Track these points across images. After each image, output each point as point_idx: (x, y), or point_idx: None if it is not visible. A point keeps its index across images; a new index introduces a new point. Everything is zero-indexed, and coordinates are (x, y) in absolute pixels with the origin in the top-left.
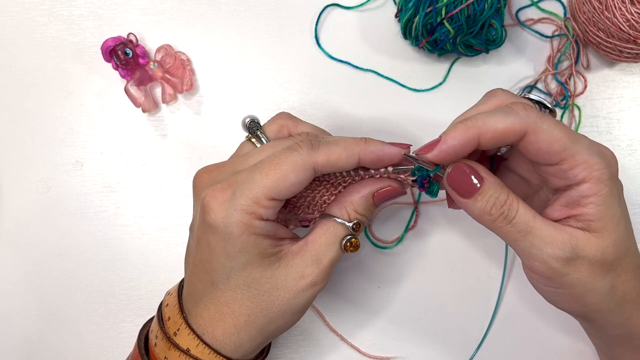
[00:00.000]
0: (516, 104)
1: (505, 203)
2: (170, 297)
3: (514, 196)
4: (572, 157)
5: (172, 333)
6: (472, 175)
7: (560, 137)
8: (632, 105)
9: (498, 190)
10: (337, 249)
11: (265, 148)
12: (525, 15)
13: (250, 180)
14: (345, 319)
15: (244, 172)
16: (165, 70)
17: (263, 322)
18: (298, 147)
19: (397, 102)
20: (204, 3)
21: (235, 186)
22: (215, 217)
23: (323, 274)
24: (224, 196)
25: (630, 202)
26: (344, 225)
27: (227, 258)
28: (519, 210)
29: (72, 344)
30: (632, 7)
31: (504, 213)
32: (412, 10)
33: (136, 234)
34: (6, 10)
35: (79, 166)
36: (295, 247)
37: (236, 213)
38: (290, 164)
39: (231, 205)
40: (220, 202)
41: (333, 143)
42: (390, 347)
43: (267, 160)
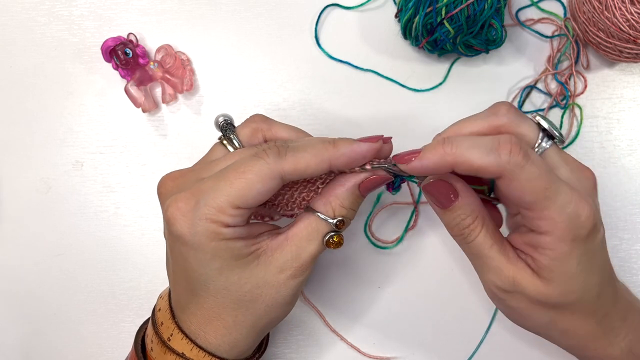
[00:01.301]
0: (505, 143)
1: (468, 227)
2: (162, 301)
3: (481, 222)
4: (540, 211)
5: (166, 338)
6: (449, 192)
7: (533, 191)
8: (632, 105)
9: (466, 213)
10: (318, 244)
11: (232, 156)
12: (525, 15)
13: (214, 188)
14: (345, 319)
15: (208, 180)
16: (165, 70)
17: (252, 319)
18: (264, 155)
19: (397, 102)
20: (204, 3)
21: (199, 195)
22: (180, 228)
23: (303, 267)
24: (187, 206)
25: (631, 202)
26: (327, 222)
27: (201, 266)
28: (478, 238)
29: (72, 344)
30: (632, 7)
31: (463, 235)
32: (412, 10)
33: (136, 234)
34: (6, 10)
35: (79, 166)
36: (275, 243)
37: (201, 222)
38: (255, 173)
39: (195, 215)
40: (184, 213)
41: (301, 149)
42: (390, 347)
43: (232, 168)
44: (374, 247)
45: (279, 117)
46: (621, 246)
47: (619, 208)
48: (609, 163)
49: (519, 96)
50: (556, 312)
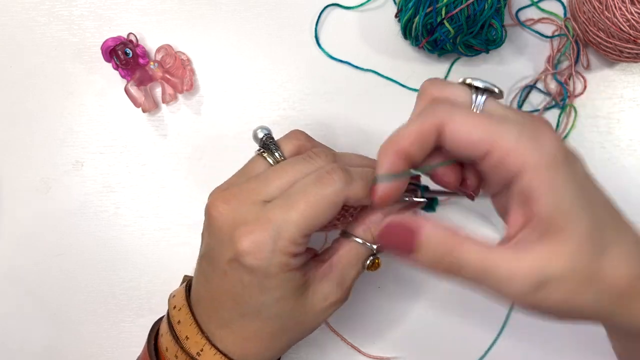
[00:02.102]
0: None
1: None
2: (181, 314)
3: (460, 238)
4: (497, 144)
5: (195, 353)
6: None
7: (477, 123)
8: (632, 105)
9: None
10: (359, 269)
11: (286, 170)
12: (525, 15)
13: (286, 221)
14: (345, 319)
15: (275, 209)
16: (165, 70)
17: (287, 341)
18: (332, 181)
19: (397, 102)
20: (204, 3)
21: (272, 227)
22: (254, 261)
23: (345, 293)
24: (261, 238)
25: (631, 202)
26: (368, 247)
27: (262, 294)
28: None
29: (72, 344)
30: (632, 7)
31: (452, 263)
32: (412, 10)
33: (136, 234)
34: (6, 10)
35: (79, 166)
36: (320, 272)
37: (277, 255)
38: (325, 201)
39: (271, 248)
40: (258, 245)
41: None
42: (390, 347)
43: (301, 197)
44: None
45: (279, 117)
46: None
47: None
48: (609, 163)
49: (519, 96)
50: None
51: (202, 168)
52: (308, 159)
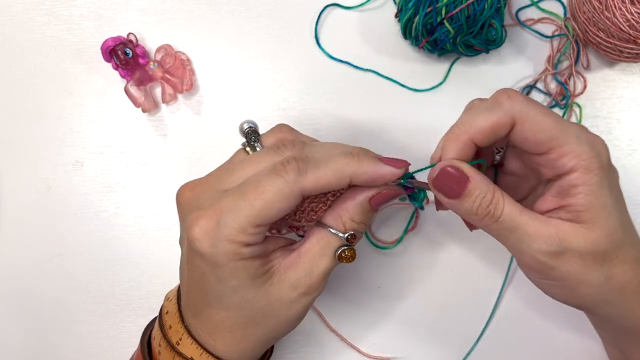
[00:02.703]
0: (501, 93)
1: (491, 202)
2: (170, 304)
3: (500, 193)
4: (559, 147)
5: (175, 342)
6: (458, 176)
7: (547, 126)
8: (632, 105)
9: (484, 190)
10: (330, 260)
11: (252, 160)
12: (525, 15)
13: (234, 208)
14: (345, 319)
15: (228, 196)
16: (165, 70)
17: (261, 334)
18: (284, 173)
19: (397, 102)
20: (204, 3)
21: (220, 214)
22: (201, 246)
23: (315, 284)
24: (209, 225)
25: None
26: (338, 236)
27: (218, 282)
28: (505, 208)
29: (72, 344)
30: (632, 7)
31: (490, 212)
32: (412, 10)
33: (136, 234)
34: (6, 10)
35: (79, 166)
36: (287, 261)
37: (222, 243)
38: (276, 192)
39: (216, 235)
40: (205, 232)
41: (322, 165)
42: (390, 347)
43: (252, 186)
44: (374, 247)
45: (279, 117)
46: None
47: None
48: None
49: None
50: (609, 266)
51: (202, 168)
52: (276, 149)
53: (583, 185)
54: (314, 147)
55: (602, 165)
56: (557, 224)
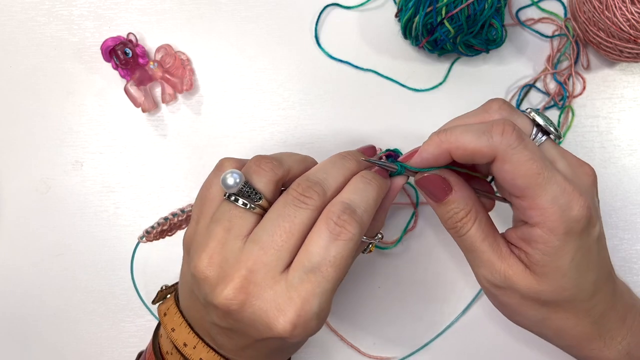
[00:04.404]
0: (498, 125)
1: (461, 220)
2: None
3: (474, 215)
4: (532, 199)
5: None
6: (443, 186)
7: (527, 174)
8: (632, 105)
9: (459, 207)
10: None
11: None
12: (526, 15)
13: (320, 295)
14: (345, 319)
15: (305, 284)
16: (165, 70)
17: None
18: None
19: (397, 102)
20: (204, 3)
21: (308, 308)
22: (292, 339)
23: None
24: (300, 321)
25: (631, 202)
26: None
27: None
28: (470, 231)
29: (72, 344)
30: (632, 7)
31: (455, 227)
32: (412, 10)
33: (136, 234)
34: (6, 10)
35: (79, 166)
36: None
37: (314, 329)
38: (347, 259)
39: (311, 325)
40: (295, 326)
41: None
42: (390, 347)
43: (324, 265)
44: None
45: (279, 117)
46: (621, 246)
47: (620, 208)
48: (609, 163)
49: (517, 95)
50: (549, 310)
51: (202, 168)
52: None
53: (543, 244)
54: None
55: (570, 230)
56: (510, 264)
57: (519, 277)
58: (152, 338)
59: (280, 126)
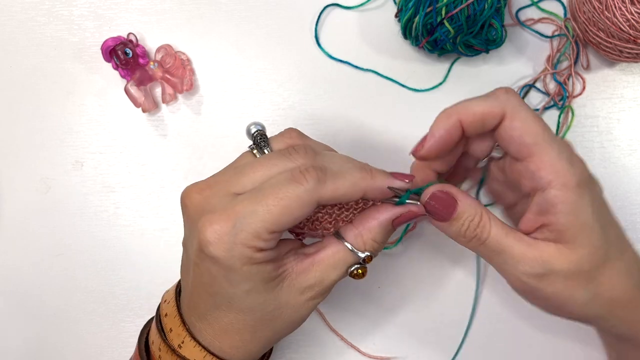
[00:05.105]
0: (500, 88)
1: (478, 226)
2: (168, 306)
3: (487, 216)
4: (539, 156)
5: (177, 345)
6: (448, 201)
7: (534, 130)
8: (632, 105)
9: (472, 214)
10: (342, 273)
11: (263, 164)
12: (526, 15)
13: (251, 213)
14: (345, 319)
15: (244, 201)
16: (165, 70)
17: (268, 335)
18: (304, 181)
19: (397, 102)
20: (204, 3)
21: (235, 218)
22: (215, 250)
23: (323, 291)
24: (224, 229)
25: (631, 202)
26: (355, 254)
27: (230, 286)
28: (492, 231)
29: (72, 344)
30: (632, 7)
31: (477, 236)
32: (412, 10)
33: (136, 234)
34: (6, 10)
35: (79, 166)
36: (300, 266)
37: (237, 247)
38: (295, 199)
39: (231, 239)
40: (220, 236)
41: (340, 177)
42: (390, 347)
43: (271, 193)
44: None
45: (279, 117)
46: None
47: (620, 208)
48: (609, 163)
49: None
50: (595, 283)
51: (202, 168)
52: (287, 154)
53: (562, 203)
54: (325, 157)
55: (581, 182)
56: (542, 247)
57: (554, 255)
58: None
59: (281, 126)
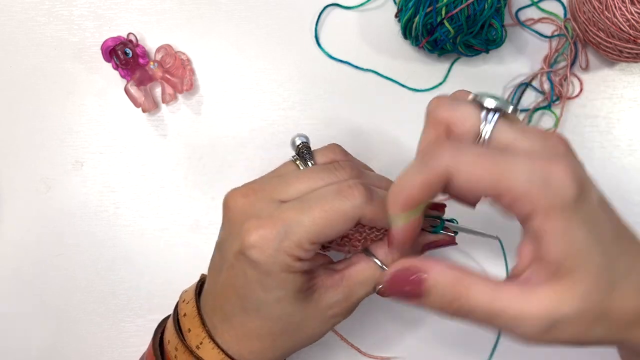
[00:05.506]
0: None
1: (455, 298)
2: (188, 306)
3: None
4: (507, 191)
5: (195, 346)
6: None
7: (484, 168)
8: (632, 105)
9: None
10: (369, 290)
11: (309, 176)
12: (526, 15)
13: (297, 222)
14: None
15: (290, 210)
16: (165, 70)
17: (287, 345)
18: (351, 196)
19: (397, 102)
20: (204, 3)
21: (281, 225)
22: (257, 254)
23: (349, 308)
24: (269, 234)
25: (631, 201)
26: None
27: (263, 291)
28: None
29: (72, 344)
30: (632, 7)
31: (459, 309)
32: (412, 10)
33: (136, 234)
34: (6, 10)
35: (79, 166)
36: (330, 281)
37: (280, 254)
38: (340, 213)
39: (275, 245)
40: (266, 241)
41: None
42: (390, 347)
43: (317, 204)
44: None
45: (279, 117)
46: None
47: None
48: (609, 163)
49: (513, 94)
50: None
51: (202, 168)
52: (333, 169)
53: (549, 234)
54: (368, 177)
55: (565, 203)
56: (541, 296)
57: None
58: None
59: (280, 126)
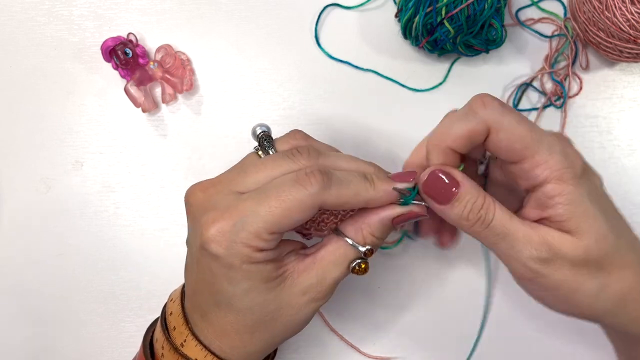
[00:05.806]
0: (476, 101)
1: (482, 207)
2: (174, 305)
3: (490, 199)
4: (532, 156)
5: (179, 344)
6: (448, 181)
7: (520, 135)
8: (632, 105)
9: (475, 195)
10: (344, 269)
11: (266, 165)
12: (526, 15)
13: (253, 213)
14: (345, 319)
15: (247, 200)
16: (165, 70)
17: (268, 337)
18: (308, 184)
19: (397, 102)
20: (204, 3)
21: (237, 217)
22: (216, 248)
23: (325, 291)
24: (225, 227)
25: (631, 202)
26: (356, 248)
27: (230, 284)
28: (496, 213)
29: (72, 344)
30: (632, 7)
31: (481, 218)
32: (412, 10)
33: (136, 234)
34: (6, 10)
35: (79, 166)
36: (301, 265)
37: (237, 246)
38: (297, 202)
39: (232, 237)
40: (221, 233)
41: (345, 185)
42: (390, 347)
43: (274, 194)
44: None
45: (279, 117)
46: None
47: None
48: (609, 163)
49: (514, 94)
50: (604, 273)
51: (202, 168)
52: (291, 156)
53: (559, 195)
54: (329, 157)
55: (576, 174)
56: (546, 231)
57: (560, 241)
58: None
59: (280, 126)
